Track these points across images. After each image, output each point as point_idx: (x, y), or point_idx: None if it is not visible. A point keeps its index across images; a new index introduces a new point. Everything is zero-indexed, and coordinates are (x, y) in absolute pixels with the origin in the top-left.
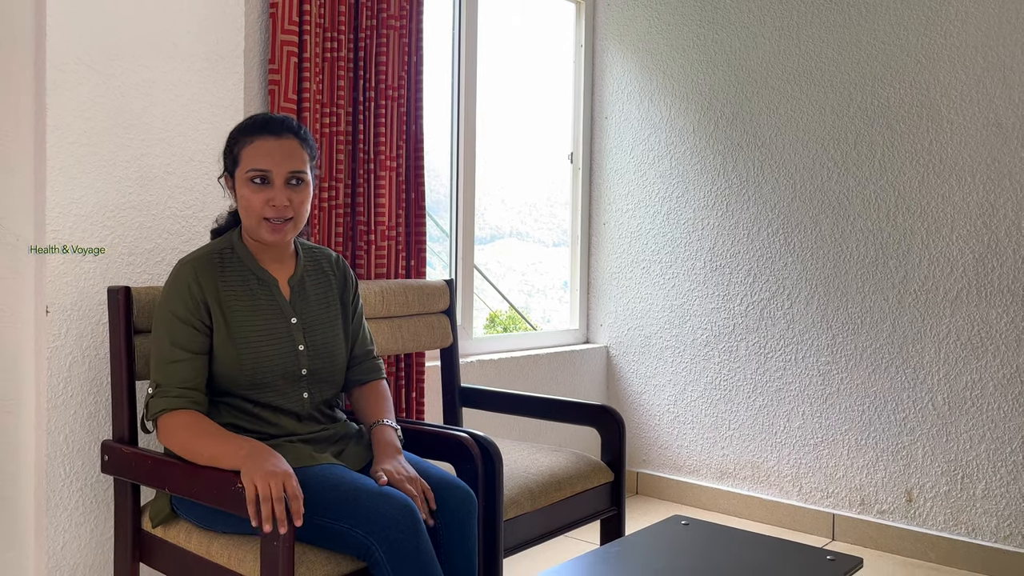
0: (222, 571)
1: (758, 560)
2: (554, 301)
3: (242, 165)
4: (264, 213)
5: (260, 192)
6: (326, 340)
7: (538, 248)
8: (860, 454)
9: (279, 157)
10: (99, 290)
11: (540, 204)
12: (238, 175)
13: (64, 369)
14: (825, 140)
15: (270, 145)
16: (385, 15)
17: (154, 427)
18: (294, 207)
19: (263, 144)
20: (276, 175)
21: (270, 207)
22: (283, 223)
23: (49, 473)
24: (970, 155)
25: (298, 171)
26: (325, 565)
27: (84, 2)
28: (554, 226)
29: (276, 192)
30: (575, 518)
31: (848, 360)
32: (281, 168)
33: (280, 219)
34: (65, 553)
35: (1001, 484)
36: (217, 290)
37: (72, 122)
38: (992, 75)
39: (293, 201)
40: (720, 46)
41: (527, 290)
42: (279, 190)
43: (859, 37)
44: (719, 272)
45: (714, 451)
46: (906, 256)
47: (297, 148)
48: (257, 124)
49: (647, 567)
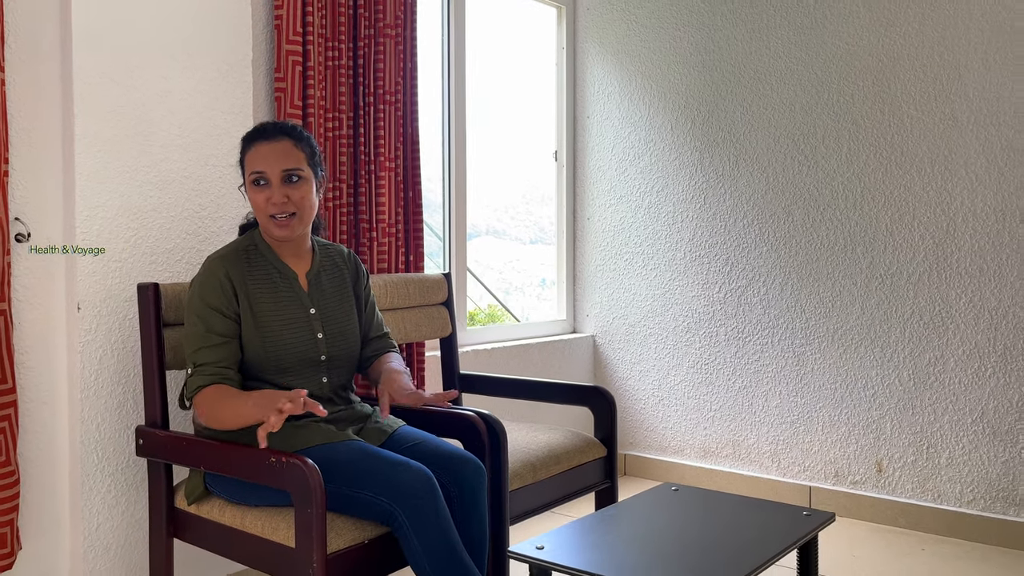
0: (257, 540)
1: (742, 518)
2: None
3: (246, 170)
4: (268, 211)
5: (261, 192)
6: (342, 328)
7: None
8: (833, 429)
9: (273, 158)
10: (124, 287)
11: (516, 202)
12: (246, 180)
13: (95, 362)
14: (795, 135)
15: (265, 148)
16: (382, 24)
17: (191, 404)
18: (294, 202)
19: (259, 148)
20: (272, 175)
21: (271, 204)
22: (287, 218)
23: (83, 459)
24: (928, 147)
25: (292, 168)
26: (352, 531)
27: (106, 18)
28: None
29: (273, 190)
30: (572, 490)
31: (820, 341)
32: (275, 168)
33: (283, 215)
34: (100, 533)
35: (963, 453)
36: (245, 283)
37: (98, 131)
38: (948, 73)
39: (292, 197)
40: (695, 48)
41: (505, 288)
42: (276, 188)
43: (825, 39)
44: (698, 262)
45: (697, 431)
46: (872, 243)
47: (291, 148)
48: (255, 132)
49: (642, 526)
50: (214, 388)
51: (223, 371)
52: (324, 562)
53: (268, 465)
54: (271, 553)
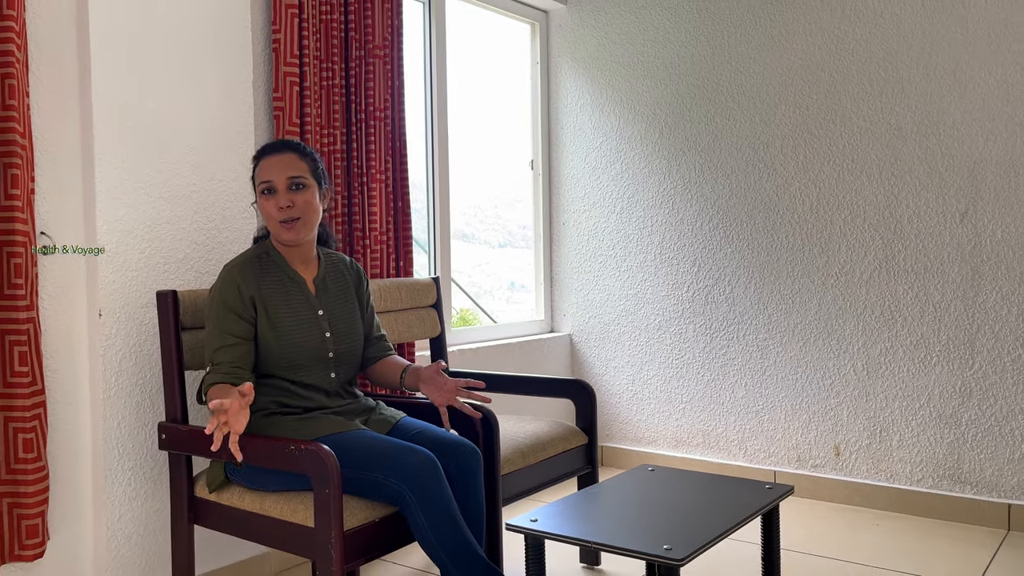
0: (277, 522)
1: (712, 492)
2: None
3: (256, 183)
4: (277, 217)
5: (270, 200)
6: (348, 328)
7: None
8: (795, 417)
9: (278, 169)
10: (140, 294)
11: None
12: (256, 192)
13: (115, 364)
14: (755, 145)
15: (271, 161)
16: (371, 45)
17: (206, 399)
18: (299, 207)
19: (267, 162)
20: (278, 183)
21: (278, 210)
22: (293, 223)
23: (106, 455)
24: (876, 155)
25: (296, 176)
26: (364, 511)
27: (122, 46)
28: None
29: (280, 197)
30: (557, 474)
31: (782, 336)
32: (281, 176)
33: (289, 219)
34: (122, 524)
35: (913, 435)
36: (260, 288)
37: (115, 150)
38: (892, 87)
39: (296, 202)
40: (661, 63)
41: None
42: (282, 195)
43: (781, 56)
44: (668, 263)
45: (669, 422)
46: (827, 243)
47: (295, 159)
48: (263, 148)
49: (623, 500)
50: (222, 385)
51: (236, 370)
52: (341, 538)
53: (288, 452)
54: (291, 533)
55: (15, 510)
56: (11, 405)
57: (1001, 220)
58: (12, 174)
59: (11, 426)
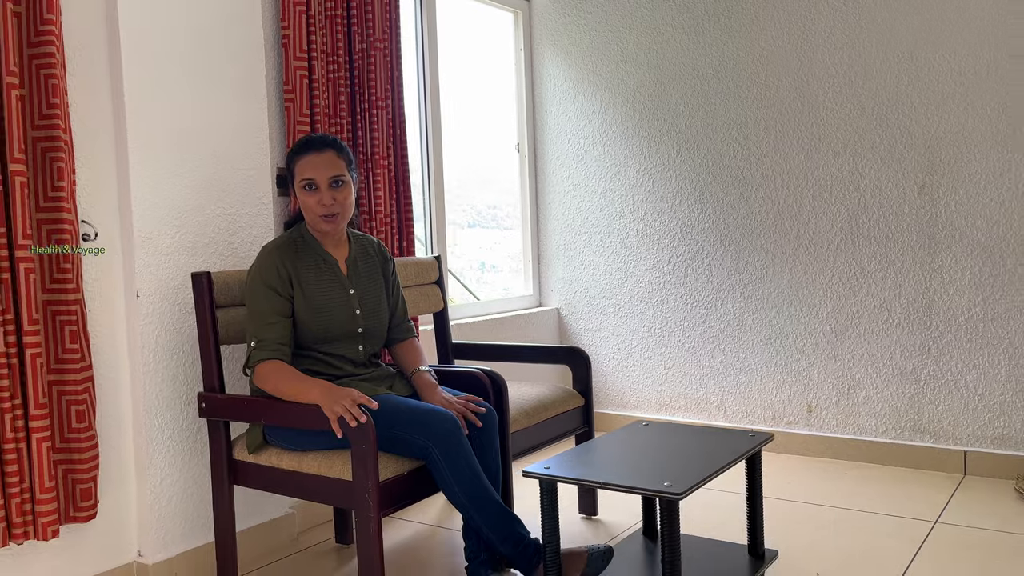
0: (315, 478)
1: (702, 441)
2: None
3: (296, 176)
4: (318, 211)
5: (312, 196)
6: (374, 306)
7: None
8: (770, 378)
9: (322, 167)
10: (172, 276)
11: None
12: (296, 185)
13: (152, 341)
14: (730, 125)
15: (314, 159)
16: (372, 39)
17: (252, 372)
18: (339, 203)
19: (309, 159)
20: (320, 181)
21: (320, 206)
22: (334, 217)
23: (146, 425)
24: (841, 133)
25: (336, 175)
26: (394, 464)
27: (148, 46)
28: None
29: (322, 194)
30: (558, 433)
31: (757, 304)
32: (323, 175)
33: (330, 214)
34: (163, 487)
35: (877, 391)
36: (296, 269)
37: (147, 144)
38: (855, 70)
39: (337, 199)
40: (640, 48)
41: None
42: (324, 192)
43: (753, 41)
44: (649, 239)
45: (653, 387)
46: (797, 217)
47: (335, 158)
48: (304, 144)
49: (622, 450)
50: (276, 364)
51: (281, 348)
52: (377, 488)
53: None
54: (329, 487)
55: (70, 476)
56: (64, 380)
57: (954, 192)
58: (58, 167)
59: (64, 399)
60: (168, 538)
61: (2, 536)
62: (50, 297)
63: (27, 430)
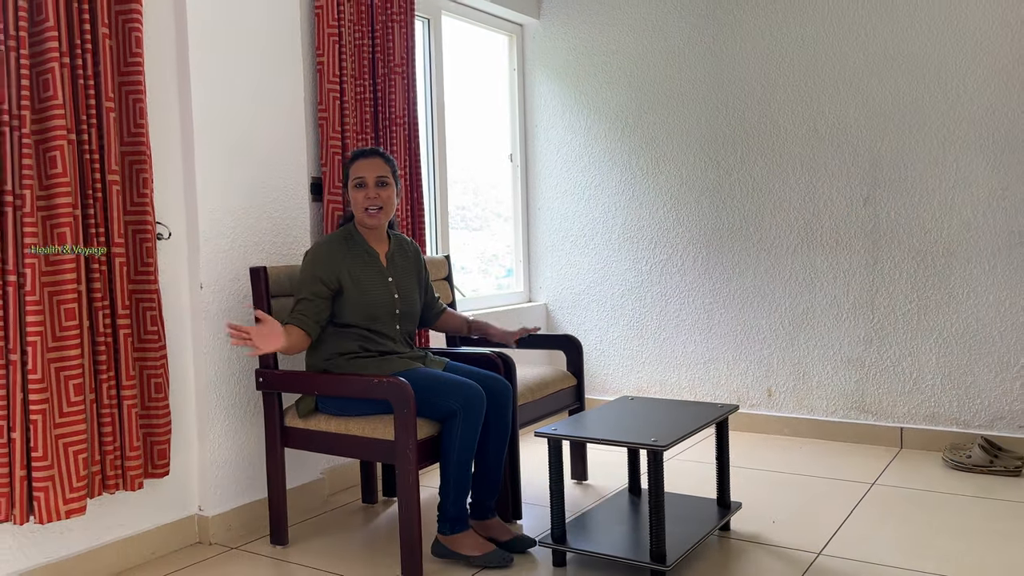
0: (361, 440)
1: (680, 410)
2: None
3: (350, 177)
4: (364, 204)
5: (360, 192)
6: (408, 292)
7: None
8: (735, 366)
9: (370, 168)
10: (229, 270)
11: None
12: (349, 185)
13: (212, 326)
14: (702, 142)
15: (365, 163)
16: (392, 63)
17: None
18: (382, 199)
19: (361, 163)
20: (369, 180)
21: (366, 199)
22: (377, 211)
23: (206, 398)
24: (799, 151)
25: (382, 176)
26: (427, 427)
27: (213, 66)
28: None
29: (369, 190)
30: (555, 408)
31: (724, 300)
32: (371, 175)
33: (374, 207)
34: (220, 451)
35: (828, 377)
36: (346, 260)
37: (209, 153)
38: (812, 95)
39: (381, 195)
40: (622, 71)
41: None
42: (371, 188)
43: (722, 66)
44: (629, 242)
45: (631, 375)
46: (760, 223)
47: (381, 163)
48: (358, 153)
49: (615, 416)
50: (290, 326)
51: (302, 318)
52: (416, 446)
53: (374, 384)
54: (374, 446)
55: (149, 438)
56: (145, 357)
57: (894, 204)
58: (143, 178)
59: (145, 373)
60: (224, 495)
61: (99, 486)
62: (135, 287)
63: (119, 398)
